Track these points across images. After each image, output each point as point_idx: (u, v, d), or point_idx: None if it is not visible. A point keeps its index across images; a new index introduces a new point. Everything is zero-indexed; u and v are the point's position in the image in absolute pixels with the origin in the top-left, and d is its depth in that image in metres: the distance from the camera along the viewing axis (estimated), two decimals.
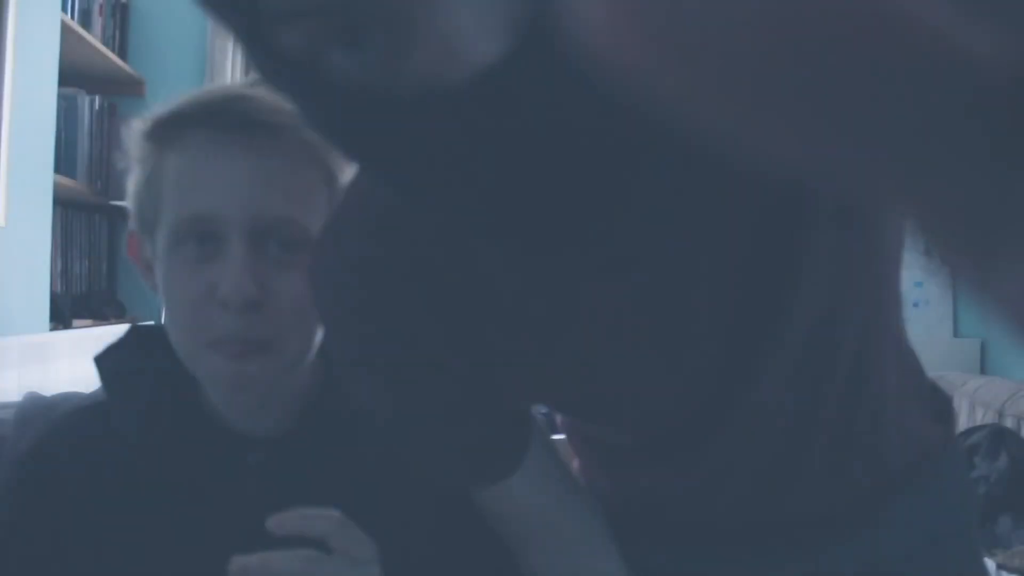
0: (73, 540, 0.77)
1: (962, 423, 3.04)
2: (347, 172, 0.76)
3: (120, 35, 3.11)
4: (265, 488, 0.76)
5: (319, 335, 0.74)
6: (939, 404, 0.76)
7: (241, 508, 0.76)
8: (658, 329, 0.57)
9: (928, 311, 3.63)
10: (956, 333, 3.63)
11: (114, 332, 0.86)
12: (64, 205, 2.73)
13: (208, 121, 0.72)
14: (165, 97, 0.76)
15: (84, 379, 0.84)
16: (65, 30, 2.40)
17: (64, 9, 2.52)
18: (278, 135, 0.72)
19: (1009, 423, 2.88)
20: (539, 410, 0.79)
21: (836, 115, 0.18)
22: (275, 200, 0.72)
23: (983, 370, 3.44)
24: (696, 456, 0.65)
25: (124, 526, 0.76)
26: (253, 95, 0.72)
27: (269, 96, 0.71)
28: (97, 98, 2.86)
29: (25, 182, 2.07)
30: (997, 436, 2.81)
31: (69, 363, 2.02)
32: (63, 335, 2.19)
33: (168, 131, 0.74)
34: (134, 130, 0.77)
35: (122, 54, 3.09)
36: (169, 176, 0.73)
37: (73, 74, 2.63)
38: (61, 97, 2.40)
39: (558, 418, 0.83)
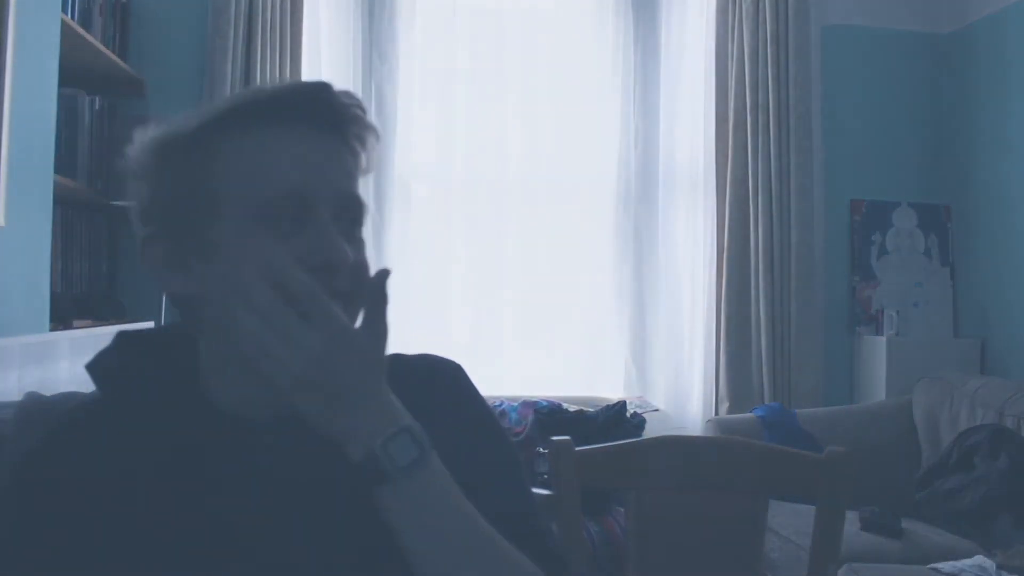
0: (89, 532, 0.77)
1: (962, 423, 3.04)
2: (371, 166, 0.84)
3: (120, 35, 3.10)
4: (283, 467, 0.78)
5: None
6: None
7: (260, 487, 0.78)
8: None
9: (928, 311, 3.63)
10: (956, 333, 3.63)
11: (112, 333, 0.86)
12: (64, 205, 2.73)
13: (290, 111, 0.78)
14: (165, 97, 0.77)
15: (84, 379, 0.85)
16: (65, 30, 2.40)
17: (64, 9, 2.52)
18: (348, 124, 0.81)
19: (1009, 423, 2.88)
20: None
21: None
22: (349, 181, 0.82)
23: (983, 370, 3.45)
24: None
25: (140, 514, 0.77)
26: (325, 89, 0.79)
27: (338, 90, 0.80)
28: (97, 98, 2.86)
29: (25, 182, 2.07)
30: (997, 436, 2.81)
31: (69, 363, 2.02)
32: (63, 335, 2.18)
33: (236, 122, 0.78)
34: (161, 137, 0.79)
35: (122, 54, 3.09)
36: (243, 161, 0.77)
37: (73, 74, 2.63)
38: (61, 97, 2.40)
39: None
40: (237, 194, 0.77)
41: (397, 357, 0.89)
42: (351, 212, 0.81)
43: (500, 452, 0.88)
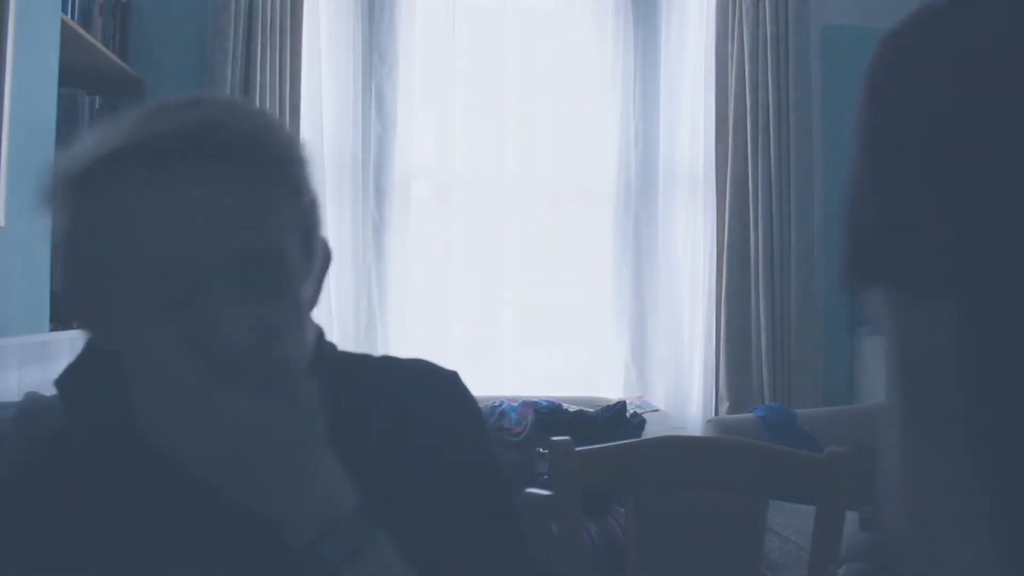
0: (57, 552, 0.75)
1: None
2: (313, 178, 0.73)
3: (120, 35, 3.11)
4: None
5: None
6: None
7: (228, 513, 0.75)
8: None
9: None
10: None
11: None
12: None
13: (160, 155, 0.65)
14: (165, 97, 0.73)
15: None
16: (65, 30, 2.40)
17: (64, 9, 2.52)
18: (240, 158, 0.67)
19: None
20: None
21: None
22: (253, 232, 0.67)
23: None
24: None
25: (106, 535, 0.74)
26: (198, 118, 0.66)
27: (218, 115, 0.67)
28: (97, 98, 2.86)
29: (25, 182, 2.07)
30: None
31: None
32: (63, 335, 2.19)
33: (109, 172, 0.66)
34: (57, 173, 0.69)
35: (122, 54, 3.09)
36: (119, 226, 0.66)
37: (73, 74, 2.63)
38: (61, 97, 2.40)
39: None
40: (120, 262, 0.66)
41: (390, 360, 0.86)
42: (259, 268, 0.67)
43: (489, 478, 0.82)
